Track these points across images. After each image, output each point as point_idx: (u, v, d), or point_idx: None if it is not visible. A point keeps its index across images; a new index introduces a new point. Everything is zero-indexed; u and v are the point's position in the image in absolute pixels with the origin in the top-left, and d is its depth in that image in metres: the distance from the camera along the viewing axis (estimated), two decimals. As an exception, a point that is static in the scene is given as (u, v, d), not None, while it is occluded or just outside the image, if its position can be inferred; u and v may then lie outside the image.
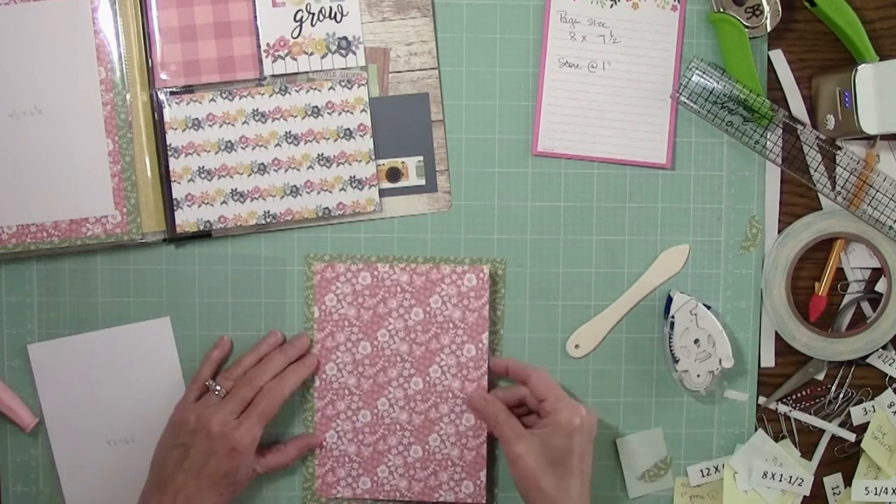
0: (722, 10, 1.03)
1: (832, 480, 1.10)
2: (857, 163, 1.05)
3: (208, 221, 1.02)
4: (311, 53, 1.03)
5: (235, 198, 1.02)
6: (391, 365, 1.05)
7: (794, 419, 1.09)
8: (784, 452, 1.08)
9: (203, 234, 1.03)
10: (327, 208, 1.03)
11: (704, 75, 1.04)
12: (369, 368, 1.05)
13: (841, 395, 1.09)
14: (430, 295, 1.05)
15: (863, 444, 1.08)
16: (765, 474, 1.07)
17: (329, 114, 1.03)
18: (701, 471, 1.08)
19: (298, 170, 1.03)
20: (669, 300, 1.05)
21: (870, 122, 1.00)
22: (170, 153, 1.02)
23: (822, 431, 1.10)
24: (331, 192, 1.03)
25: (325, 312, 1.05)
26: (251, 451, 0.97)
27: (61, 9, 1.00)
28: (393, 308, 1.05)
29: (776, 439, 1.09)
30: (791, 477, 1.07)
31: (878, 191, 1.05)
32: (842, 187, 1.06)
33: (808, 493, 1.08)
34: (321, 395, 1.05)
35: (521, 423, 0.98)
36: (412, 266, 1.05)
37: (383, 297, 1.05)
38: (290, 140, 1.03)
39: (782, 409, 1.09)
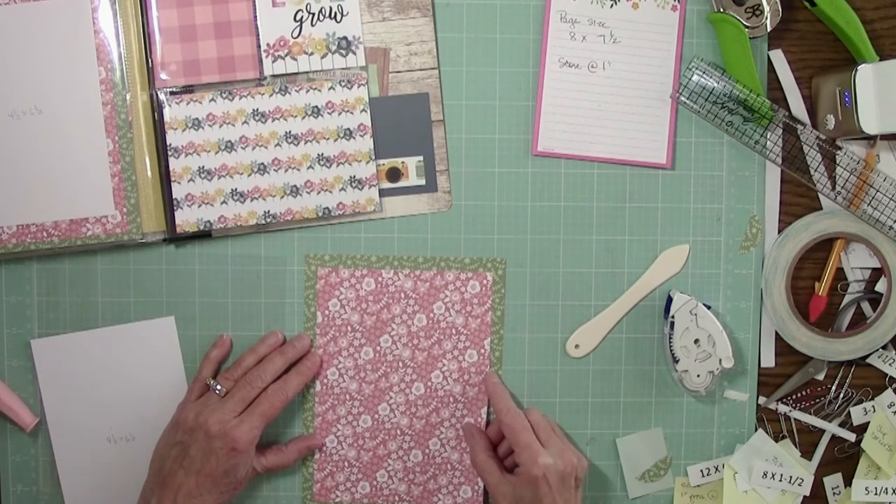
0: (722, 10, 1.03)
1: (832, 480, 1.10)
2: (857, 163, 1.05)
3: (208, 221, 1.02)
4: (311, 53, 1.03)
5: (235, 198, 1.02)
6: (393, 370, 1.05)
7: (794, 419, 1.09)
8: (784, 452, 1.08)
9: (203, 234, 1.03)
10: (327, 208, 1.03)
11: (704, 75, 1.04)
12: (371, 374, 1.05)
13: (841, 395, 1.09)
14: (434, 301, 1.05)
15: (863, 444, 1.08)
16: (765, 474, 1.07)
17: (329, 114, 1.03)
18: (701, 471, 1.08)
19: (298, 170, 1.03)
20: (669, 300, 1.05)
21: (870, 122, 1.00)
22: (170, 153, 1.02)
23: (822, 431, 1.09)
24: (331, 192, 1.03)
25: (327, 317, 1.04)
26: (251, 449, 0.97)
27: (61, 9, 1.00)
28: (396, 314, 1.05)
29: (776, 439, 1.09)
30: (791, 477, 1.07)
31: (878, 191, 1.05)
32: (842, 187, 1.06)
33: (808, 493, 1.08)
34: (322, 399, 1.05)
35: (497, 464, 0.99)
36: (416, 272, 1.04)
37: (387, 303, 1.05)
38: (290, 140, 1.03)
39: (782, 409, 1.09)
